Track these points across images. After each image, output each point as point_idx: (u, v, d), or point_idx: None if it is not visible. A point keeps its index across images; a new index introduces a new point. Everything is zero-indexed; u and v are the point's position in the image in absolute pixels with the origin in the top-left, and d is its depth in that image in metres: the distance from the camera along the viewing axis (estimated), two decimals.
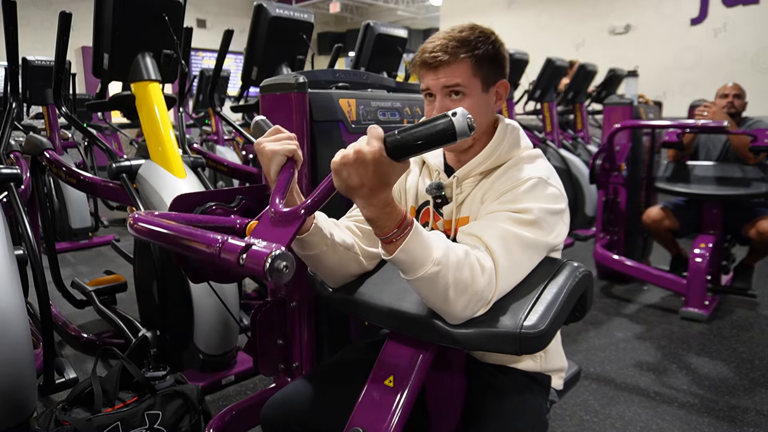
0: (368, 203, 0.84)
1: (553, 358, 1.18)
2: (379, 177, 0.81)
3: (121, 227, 5.48)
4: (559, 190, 1.05)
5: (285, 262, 0.72)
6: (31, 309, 2.35)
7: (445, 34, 1.06)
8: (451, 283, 0.88)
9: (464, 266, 0.89)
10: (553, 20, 7.61)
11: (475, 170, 1.11)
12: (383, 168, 0.80)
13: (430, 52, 1.05)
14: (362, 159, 0.80)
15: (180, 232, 0.85)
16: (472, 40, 1.04)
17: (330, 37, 12.37)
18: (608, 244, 3.52)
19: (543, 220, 0.99)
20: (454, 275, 0.88)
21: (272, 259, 0.71)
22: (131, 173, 2.07)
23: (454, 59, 1.03)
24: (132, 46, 2.17)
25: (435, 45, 1.05)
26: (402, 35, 3.16)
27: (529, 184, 1.02)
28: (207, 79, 5.71)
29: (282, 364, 1.45)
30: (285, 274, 0.72)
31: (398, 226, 0.86)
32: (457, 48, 1.03)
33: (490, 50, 1.06)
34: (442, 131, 0.77)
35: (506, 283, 0.95)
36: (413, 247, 0.86)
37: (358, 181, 0.81)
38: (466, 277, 0.89)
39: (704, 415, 2.04)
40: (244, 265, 0.74)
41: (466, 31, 1.05)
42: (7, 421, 1.45)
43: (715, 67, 6.07)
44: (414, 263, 0.87)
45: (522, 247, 0.96)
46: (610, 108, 3.58)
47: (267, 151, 0.95)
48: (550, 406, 1.19)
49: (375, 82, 1.65)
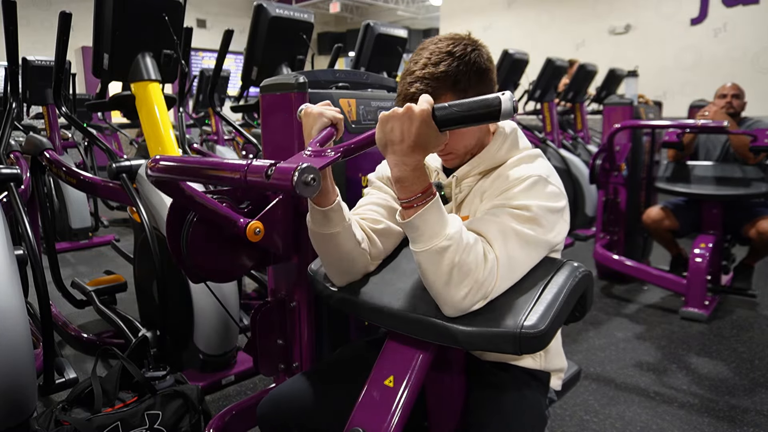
0: (402, 161, 0.87)
1: (553, 358, 1.18)
2: (419, 137, 0.85)
3: (121, 227, 5.48)
4: (558, 189, 1.05)
5: (312, 174, 0.74)
6: (31, 309, 2.35)
7: (422, 69, 1.01)
8: (457, 264, 0.88)
9: (472, 251, 0.90)
10: (553, 20, 7.61)
11: (474, 170, 1.11)
12: (426, 129, 0.84)
13: (411, 98, 1.00)
14: (410, 114, 0.84)
15: (204, 164, 0.87)
16: (451, 73, 1.00)
17: (330, 37, 12.37)
18: (608, 244, 3.52)
19: (542, 217, 0.99)
20: (461, 256, 0.89)
21: (299, 172, 0.73)
22: (131, 173, 2.07)
23: (434, 99, 0.99)
24: (132, 46, 2.17)
25: (414, 87, 1.01)
26: (402, 35, 3.16)
27: (529, 182, 1.02)
28: (207, 79, 5.71)
29: (282, 364, 1.45)
30: (312, 186, 0.74)
31: (422, 192, 0.89)
32: (438, 87, 1.01)
33: (472, 76, 1.03)
34: (487, 106, 0.80)
35: (505, 278, 0.95)
36: (431, 216, 0.89)
37: (399, 135, 0.85)
38: (471, 261, 0.89)
39: (704, 415, 2.04)
40: (271, 180, 0.75)
41: (444, 61, 1.01)
42: (7, 421, 1.45)
43: (715, 67, 6.08)
44: (427, 233, 0.89)
45: (521, 243, 0.96)
46: (610, 108, 3.58)
47: (314, 112, 1.01)
48: (549, 404, 1.18)
49: (375, 82, 1.65)
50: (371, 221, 1.15)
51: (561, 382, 1.23)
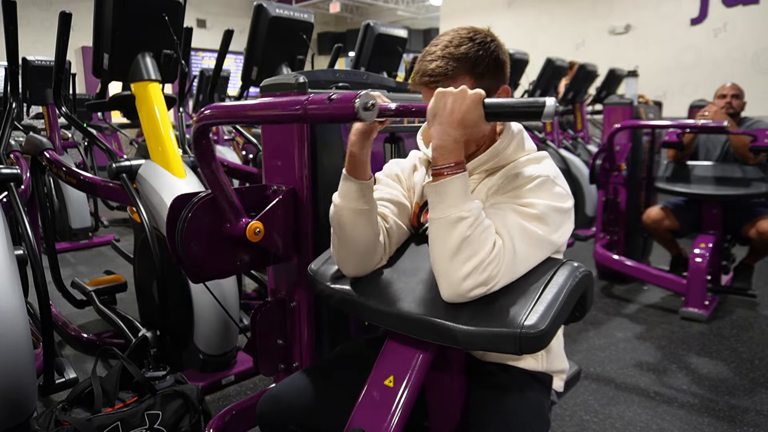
0: (445, 131, 0.91)
1: (554, 359, 1.18)
2: (467, 113, 0.89)
3: (121, 227, 5.48)
4: (565, 190, 1.05)
5: (371, 100, 0.81)
6: (31, 309, 2.35)
7: (443, 49, 1.04)
8: (467, 238, 0.91)
9: (485, 231, 0.93)
10: (553, 20, 7.61)
11: (480, 168, 1.11)
12: (474, 109, 0.88)
13: (430, 74, 1.04)
14: (465, 93, 0.89)
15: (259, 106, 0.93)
16: (471, 56, 1.03)
17: (330, 37, 12.36)
18: (608, 244, 3.52)
19: (548, 216, 0.99)
20: (474, 231, 0.91)
21: (361, 97, 0.79)
22: (131, 173, 2.07)
23: (454, 80, 1.02)
24: (132, 46, 2.17)
25: (434, 64, 1.03)
26: (402, 35, 3.16)
27: (537, 181, 1.02)
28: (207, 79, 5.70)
29: (282, 364, 1.45)
30: (371, 111, 0.80)
31: (456, 163, 0.93)
32: (457, 68, 1.03)
33: (491, 63, 1.05)
34: (534, 105, 0.83)
35: (508, 271, 0.95)
36: (456, 186, 0.92)
37: (451, 107, 0.89)
38: (482, 240, 0.92)
39: (704, 415, 2.04)
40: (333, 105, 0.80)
41: (465, 44, 1.03)
42: (7, 422, 1.45)
43: (715, 67, 6.07)
44: (448, 200, 0.92)
45: (525, 239, 0.97)
46: (610, 108, 3.58)
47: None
48: (550, 406, 1.18)
49: (375, 82, 1.65)
50: (381, 216, 1.14)
51: (563, 383, 1.22)
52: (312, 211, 1.40)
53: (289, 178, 1.39)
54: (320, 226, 1.39)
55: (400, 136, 1.65)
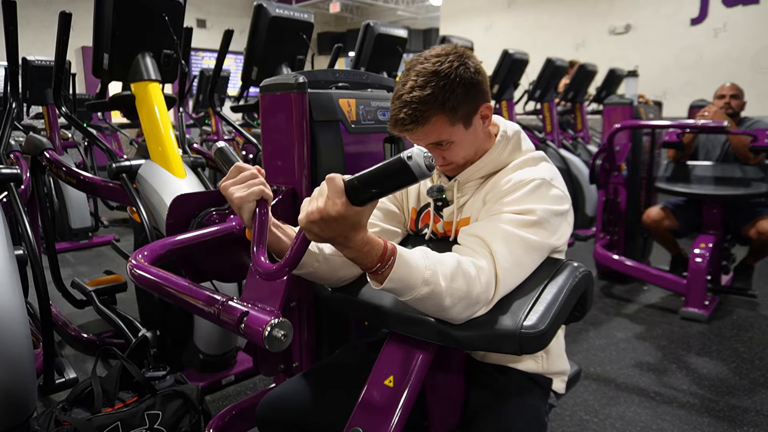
0: (346, 247, 0.83)
1: (555, 360, 1.18)
2: (350, 225, 0.79)
3: (121, 227, 5.48)
4: (562, 192, 1.05)
5: (283, 330, 0.74)
6: (31, 309, 2.35)
7: (410, 93, 0.99)
8: (447, 294, 0.88)
9: (458, 276, 0.89)
10: (553, 20, 7.60)
11: (476, 174, 1.11)
12: (351, 218, 0.78)
13: (402, 123, 1.00)
14: (328, 217, 0.78)
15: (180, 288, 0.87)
16: (438, 96, 0.98)
17: (330, 37, 12.36)
18: (608, 244, 3.52)
19: (546, 221, 0.99)
20: (448, 287, 0.88)
21: (270, 327, 0.73)
22: (131, 173, 2.07)
23: (425, 122, 0.99)
24: (132, 46, 2.17)
25: (403, 113, 0.99)
26: (402, 35, 3.16)
27: (533, 185, 1.01)
28: (207, 79, 5.71)
29: (282, 365, 1.45)
30: (283, 342, 0.74)
31: (381, 260, 0.85)
32: (426, 111, 0.98)
33: (461, 92, 0.99)
34: (400, 174, 0.72)
35: (507, 283, 0.95)
36: (400, 275, 0.86)
37: (330, 233, 0.80)
38: (461, 285, 0.89)
39: (704, 415, 2.04)
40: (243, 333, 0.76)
41: (431, 83, 0.98)
42: (7, 421, 1.45)
43: (715, 67, 6.07)
44: (405, 288, 0.87)
45: (524, 248, 0.96)
46: (610, 108, 3.58)
47: (235, 200, 0.93)
48: (549, 409, 1.18)
49: (375, 82, 1.65)
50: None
51: (564, 384, 1.22)
52: None
53: (289, 178, 1.39)
54: None
55: (400, 136, 1.65)
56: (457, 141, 1.04)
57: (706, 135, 3.21)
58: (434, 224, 1.17)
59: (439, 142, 1.04)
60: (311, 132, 1.37)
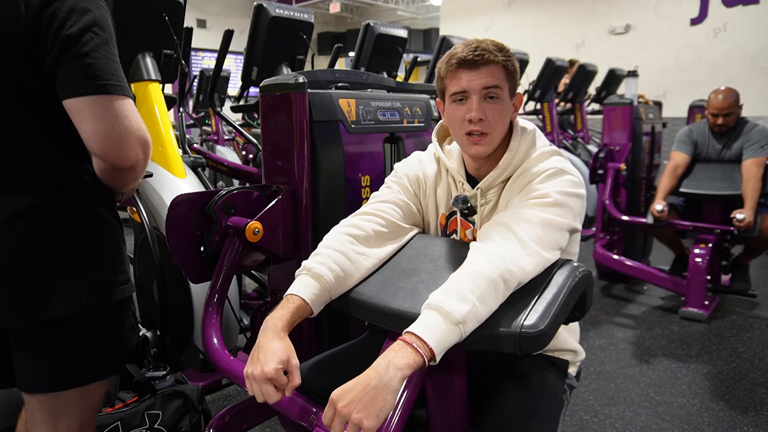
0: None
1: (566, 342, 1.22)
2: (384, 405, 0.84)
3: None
4: (578, 178, 1.09)
5: None
6: None
7: (478, 42, 1.10)
8: (486, 309, 0.92)
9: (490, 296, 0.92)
10: (553, 20, 7.60)
11: (498, 179, 1.15)
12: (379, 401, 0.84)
13: (473, 52, 1.08)
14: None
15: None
16: (504, 50, 1.11)
17: (330, 37, 12.36)
18: (608, 244, 3.52)
19: (564, 201, 1.03)
20: (482, 307, 0.91)
21: None
22: None
23: (493, 61, 1.09)
24: (132, 47, 2.17)
25: (474, 47, 1.09)
26: (402, 35, 3.16)
27: (546, 173, 1.07)
28: (207, 79, 5.70)
29: None
30: None
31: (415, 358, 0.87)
32: (496, 52, 1.09)
33: (515, 65, 1.12)
34: None
35: (532, 264, 0.97)
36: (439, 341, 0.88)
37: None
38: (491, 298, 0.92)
39: (704, 415, 2.04)
40: None
41: (498, 47, 1.10)
42: (8, 421, 1.45)
43: (715, 67, 6.07)
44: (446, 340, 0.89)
45: (545, 226, 1.00)
46: (610, 108, 3.58)
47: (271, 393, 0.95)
48: (570, 390, 1.22)
49: (375, 82, 1.65)
50: (384, 221, 1.17)
51: (576, 368, 1.26)
52: (311, 211, 1.40)
53: (289, 178, 1.39)
54: (320, 226, 1.39)
55: (400, 136, 1.65)
56: (502, 101, 1.10)
57: (706, 136, 3.20)
58: (463, 230, 1.21)
59: (493, 91, 1.08)
60: (311, 132, 1.37)
